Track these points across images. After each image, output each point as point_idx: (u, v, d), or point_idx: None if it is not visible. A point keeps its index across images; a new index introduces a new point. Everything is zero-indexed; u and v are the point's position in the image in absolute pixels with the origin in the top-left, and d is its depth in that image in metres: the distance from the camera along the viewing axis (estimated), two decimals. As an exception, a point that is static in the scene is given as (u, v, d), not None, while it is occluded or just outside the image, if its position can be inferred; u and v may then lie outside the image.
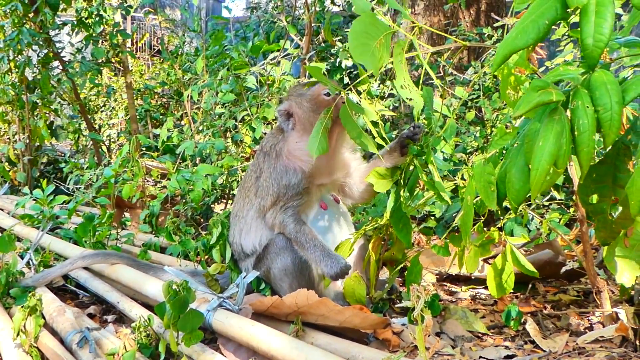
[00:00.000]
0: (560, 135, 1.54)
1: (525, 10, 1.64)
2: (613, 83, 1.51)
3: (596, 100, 1.50)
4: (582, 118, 1.52)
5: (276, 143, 2.75)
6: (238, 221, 2.87)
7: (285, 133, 2.75)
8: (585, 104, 1.51)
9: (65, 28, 6.07)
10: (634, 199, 1.44)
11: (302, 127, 2.70)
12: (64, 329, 2.44)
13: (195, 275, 2.97)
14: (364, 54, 1.99)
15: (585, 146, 1.52)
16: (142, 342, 2.34)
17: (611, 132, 1.48)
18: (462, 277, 3.31)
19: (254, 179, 2.81)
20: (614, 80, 1.52)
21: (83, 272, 3.26)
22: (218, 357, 2.17)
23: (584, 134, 1.51)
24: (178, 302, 2.11)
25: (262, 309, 2.43)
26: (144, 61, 10.99)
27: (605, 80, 1.52)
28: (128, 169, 4.09)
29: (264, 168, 2.75)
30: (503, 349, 2.34)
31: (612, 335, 2.35)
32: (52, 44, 5.92)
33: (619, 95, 1.49)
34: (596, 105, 1.50)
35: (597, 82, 1.52)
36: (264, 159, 2.77)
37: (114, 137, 7.91)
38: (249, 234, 2.82)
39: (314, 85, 2.69)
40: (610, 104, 1.48)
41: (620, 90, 1.50)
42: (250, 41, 6.89)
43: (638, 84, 1.55)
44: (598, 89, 1.51)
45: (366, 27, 2.02)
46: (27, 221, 4.19)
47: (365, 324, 2.29)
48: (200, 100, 5.09)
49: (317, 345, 2.21)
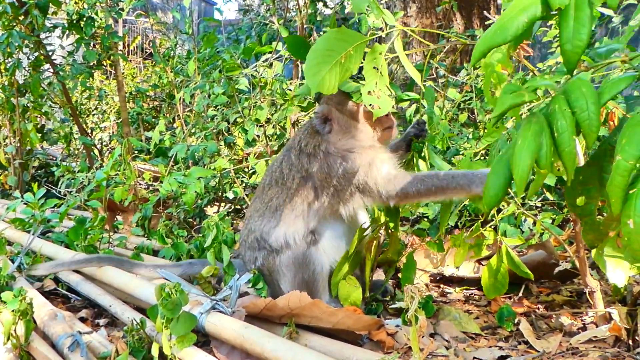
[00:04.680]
0: (538, 134, 1.56)
1: None
2: (588, 86, 1.54)
3: (572, 102, 1.53)
4: (560, 120, 1.54)
5: (319, 144, 2.72)
6: (283, 217, 2.76)
7: (322, 135, 2.73)
8: (562, 107, 1.53)
9: (57, 31, 6.03)
10: (613, 197, 1.44)
11: (341, 131, 2.70)
12: (55, 333, 2.42)
13: (193, 265, 3.03)
14: (315, 76, 2.08)
15: (567, 146, 1.53)
16: (134, 345, 2.32)
17: (591, 132, 1.50)
18: (455, 278, 3.32)
19: (298, 179, 2.73)
20: (588, 83, 1.55)
21: (74, 275, 3.23)
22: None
23: (564, 135, 1.53)
24: (170, 305, 2.10)
25: (255, 312, 2.42)
26: (136, 64, 10.94)
27: (579, 84, 1.55)
28: (120, 172, 4.06)
29: (312, 170, 2.70)
30: (497, 349, 2.34)
31: (605, 336, 2.36)
32: (43, 47, 5.88)
33: (595, 97, 1.52)
34: (573, 108, 1.53)
35: (572, 87, 1.56)
36: (308, 159, 2.71)
37: (105, 141, 7.86)
38: (291, 226, 2.74)
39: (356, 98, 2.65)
40: (587, 105, 1.50)
41: (595, 92, 1.54)
42: (242, 43, 6.88)
43: (613, 86, 1.58)
44: (573, 92, 1.55)
45: (329, 43, 2.08)
46: (18, 225, 4.15)
47: (358, 325, 2.28)
48: (192, 103, 5.08)
49: (311, 347, 2.21)
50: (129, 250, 3.93)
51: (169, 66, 5.85)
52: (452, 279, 3.32)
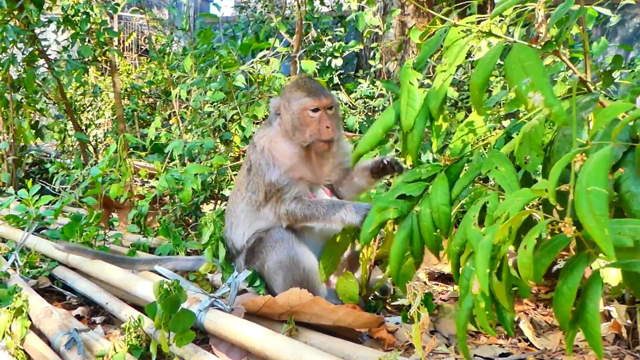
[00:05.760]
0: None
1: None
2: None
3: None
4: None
5: (262, 136, 2.75)
6: (229, 215, 2.86)
7: (272, 128, 2.75)
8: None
9: (52, 26, 5.97)
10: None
11: (284, 129, 2.69)
12: (51, 331, 2.39)
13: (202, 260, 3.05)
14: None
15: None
16: (132, 343, 2.29)
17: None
18: (452, 276, 3.30)
19: (245, 171, 2.81)
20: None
21: (70, 272, 3.20)
22: (210, 357, 2.14)
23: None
24: (169, 302, 2.08)
25: (254, 309, 2.40)
26: (131, 61, 10.86)
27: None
28: (115, 169, 4.02)
29: (252, 160, 2.74)
30: (497, 347, 2.33)
31: (605, 333, 2.35)
32: (38, 42, 5.82)
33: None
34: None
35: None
36: (252, 150, 2.77)
37: (100, 137, 7.79)
38: (238, 228, 2.82)
39: (307, 95, 2.62)
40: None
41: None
42: (239, 40, 6.85)
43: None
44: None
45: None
46: (12, 222, 4.10)
47: (358, 322, 2.26)
48: (189, 99, 5.04)
49: (311, 344, 2.18)
50: (124, 247, 3.90)
51: (165, 62, 5.81)
52: (449, 277, 3.31)
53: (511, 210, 1.37)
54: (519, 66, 1.50)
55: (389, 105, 6.15)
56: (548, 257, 1.36)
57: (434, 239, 1.85)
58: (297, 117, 2.61)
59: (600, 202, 1.10)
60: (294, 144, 2.65)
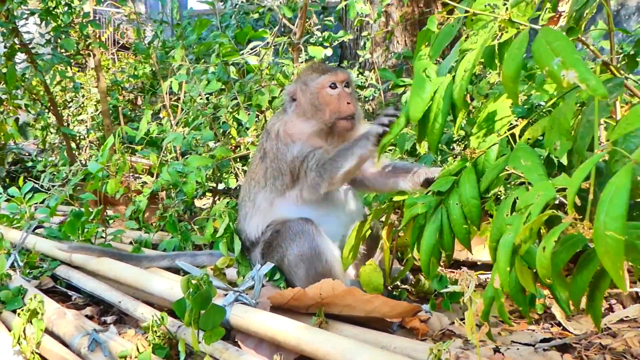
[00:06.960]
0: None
1: None
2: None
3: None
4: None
5: (275, 122, 2.73)
6: (244, 205, 2.78)
7: (286, 114, 2.72)
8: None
9: (34, 19, 5.74)
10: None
11: (302, 112, 2.67)
12: (67, 333, 2.27)
13: (213, 255, 2.98)
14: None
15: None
16: (156, 342, 2.19)
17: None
18: (467, 263, 3.27)
19: (258, 160, 2.77)
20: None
21: (74, 272, 3.06)
22: (245, 355, 2.04)
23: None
24: (200, 298, 1.98)
25: (281, 302, 2.31)
26: (109, 55, 10.55)
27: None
28: (112, 164, 3.86)
29: (267, 148, 2.71)
30: (531, 332, 2.29)
31: (636, 315, 2.33)
32: (19, 35, 5.58)
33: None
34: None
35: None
36: (266, 138, 2.74)
37: (82, 134, 7.54)
38: (253, 218, 2.74)
39: (323, 74, 2.62)
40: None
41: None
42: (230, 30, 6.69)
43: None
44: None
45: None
46: (5, 221, 3.92)
47: (395, 312, 2.20)
48: (180, 92, 4.88)
49: (345, 336, 2.10)
50: (124, 244, 3.76)
51: (153, 54, 5.63)
52: (464, 264, 3.27)
53: (533, 210, 1.38)
54: (548, 48, 1.47)
55: (379, 95, 6.05)
56: (567, 254, 1.39)
57: (465, 231, 1.84)
58: (317, 97, 2.59)
59: (617, 247, 1.11)
60: (312, 123, 2.62)
